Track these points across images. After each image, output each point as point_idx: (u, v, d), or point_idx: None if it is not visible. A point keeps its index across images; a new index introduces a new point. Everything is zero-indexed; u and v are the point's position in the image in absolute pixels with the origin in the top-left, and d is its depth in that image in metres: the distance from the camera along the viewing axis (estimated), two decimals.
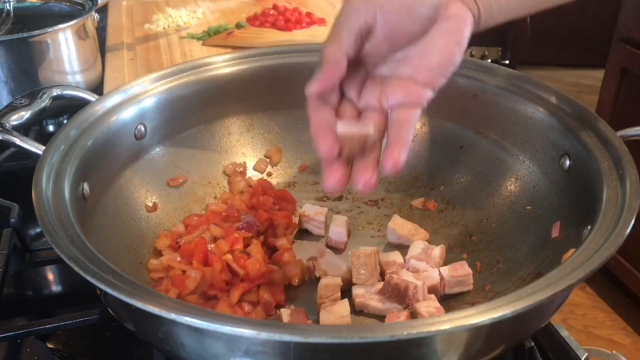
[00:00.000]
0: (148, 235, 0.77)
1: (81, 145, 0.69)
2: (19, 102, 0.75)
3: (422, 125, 0.90)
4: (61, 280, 0.85)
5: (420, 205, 0.86)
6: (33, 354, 0.65)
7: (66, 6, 1.20)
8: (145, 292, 0.47)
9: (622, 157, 0.63)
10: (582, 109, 0.72)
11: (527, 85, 0.79)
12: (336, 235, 0.79)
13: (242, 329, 0.43)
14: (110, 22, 1.56)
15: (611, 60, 2.03)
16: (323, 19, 1.55)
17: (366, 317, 0.69)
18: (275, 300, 0.69)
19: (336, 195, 0.89)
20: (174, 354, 0.53)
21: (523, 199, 0.77)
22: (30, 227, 0.83)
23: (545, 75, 3.75)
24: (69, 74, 1.09)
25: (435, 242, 0.78)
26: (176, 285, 0.68)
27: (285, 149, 0.93)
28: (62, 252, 0.52)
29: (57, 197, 0.60)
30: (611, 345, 1.93)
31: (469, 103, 0.84)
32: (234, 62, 0.89)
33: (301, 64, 0.91)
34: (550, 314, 0.56)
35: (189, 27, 1.53)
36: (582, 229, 0.61)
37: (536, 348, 0.62)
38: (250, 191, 0.86)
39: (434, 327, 0.44)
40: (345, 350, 0.47)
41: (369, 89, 0.62)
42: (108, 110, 0.76)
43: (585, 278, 0.49)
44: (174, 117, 0.84)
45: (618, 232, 0.53)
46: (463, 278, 0.70)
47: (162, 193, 0.82)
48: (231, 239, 0.74)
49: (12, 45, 1.00)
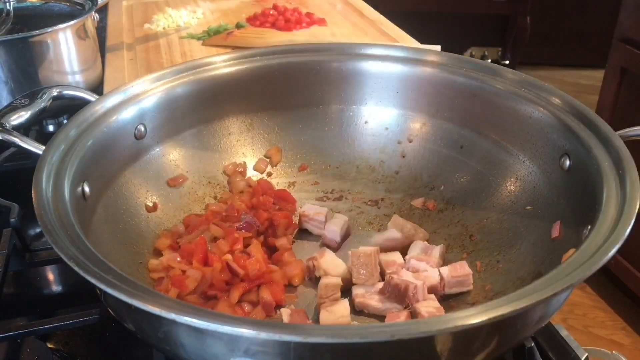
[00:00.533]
0: (148, 235, 0.77)
1: (81, 145, 0.69)
2: (19, 102, 0.75)
3: (422, 125, 0.90)
4: (61, 280, 0.85)
5: (420, 205, 0.86)
6: (33, 354, 0.65)
7: (66, 6, 1.20)
8: (145, 292, 0.47)
9: (622, 157, 0.63)
10: (582, 109, 0.72)
11: (527, 85, 0.79)
12: (331, 233, 0.79)
13: (242, 329, 0.43)
14: (110, 22, 1.56)
15: (611, 60, 2.03)
16: (323, 19, 1.55)
17: (366, 317, 0.69)
18: (275, 300, 0.69)
19: (336, 195, 0.89)
20: (174, 354, 0.53)
21: (523, 199, 0.77)
22: (30, 227, 0.83)
23: (545, 75, 3.75)
24: (69, 74, 1.09)
25: (435, 242, 0.78)
26: (176, 285, 0.68)
27: (285, 149, 0.93)
28: (62, 252, 0.52)
29: (57, 197, 0.60)
30: (611, 345, 1.93)
31: (469, 103, 0.85)
32: (234, 62, 0.89)
33: (301, 64, 0.91)
34: (550, 314, 0.56)
35: (189, 27, 1.53)
36: (582, 229, 0.61)
37: (536, 348, 0.62)
38: (250, 191, 0.86)
39: (434, 327, 0.44)
40: (345, 350, 0.47)
41: None
42: (108, 110, 0.76)
43: (585, 278, 0.49)
44: (174, 117, 0.84)
45: (618, 232, 0.53)
46: (463, 278, 0.70)
47: (162, 193, 0.82)
48: (231, 239, 0.74)
49: (12, 45, 1.00)
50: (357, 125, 0.93)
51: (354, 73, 0.92)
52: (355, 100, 0.93)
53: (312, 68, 0.92)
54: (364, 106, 0.93)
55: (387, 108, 0.92)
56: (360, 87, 0.92)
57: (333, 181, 0.91)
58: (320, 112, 0.94)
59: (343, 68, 0.92)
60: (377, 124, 0.93)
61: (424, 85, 0.89)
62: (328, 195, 0.89)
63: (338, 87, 0.93)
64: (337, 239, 0.79)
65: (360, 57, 0.92)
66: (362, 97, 0.93)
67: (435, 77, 0.88)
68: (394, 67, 0.90)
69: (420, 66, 0.89)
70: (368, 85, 0.92)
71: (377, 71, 0.91)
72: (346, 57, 0.92)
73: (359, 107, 0.93)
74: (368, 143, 0.93)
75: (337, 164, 0.93)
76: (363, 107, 0.93)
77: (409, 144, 0.91)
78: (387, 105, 0.92)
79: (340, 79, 0.92)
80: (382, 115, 0.92)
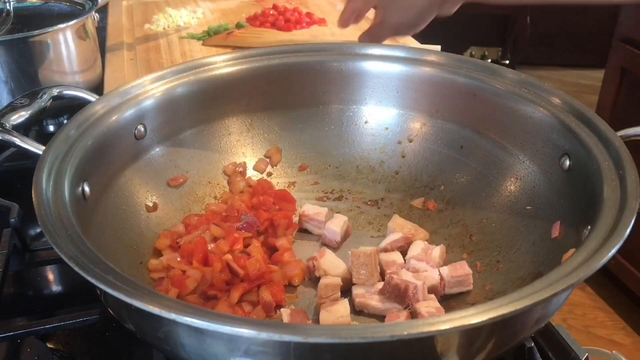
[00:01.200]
0: (148, 235, 0.77)
1: (81, 145, 0.69)
2: (19, 102, 0.75)
3: (422, 125, 0.90)
4: (61, 280, 0.85)
5: (420, 205, 0.86)
6: (33, 354, 0.65)
7: (66, 6, 1.20)
8: (145, 292, 0.47)
9: (622, 157, 0.63)
10: (582, 109, 0.72)
11: (527, 85, 0.79)
12: (330, 233, 0.79)
13: (242, 329, 0.43)
14: (110, 22, 1.56)
15: (611, 60, 2.03)
16: (323, 19, 1.55)
17: (366, 317, 0.69)
18: (275, 300, 0.69)
19: (336, 195, 0.89)
20: (174, 354, 0.53)
21: (523, 199, 0.77)
22: (30, 227, 0.83)
23: (545, 75, 3.75)
24: (69, 74, 1.09)
25: (435, 242, 0.78)
26: (176, 285, 0.68)
27: (285, 149, 0.93)
28: (62, 252, 0.52)
29: (57, 197, 0.60)
30: (611, 345, 1.93)
31: (469, 103, 0.85)
32: (234, 62, 0.89)
33: (301, 64, 0.91)
34: (550, 314, 0.56)
35: (189, 27, 1.53)
36: (582, 229, 0.61)
37: (536, 348, 0.62)
38: (250, 191, 0.86)
39: (434, 327, 0.44)
40: (345, 350, 0.47)
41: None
42: (108, 110, 0.76)
43: (585, 278, 0.49)
44: (174, 117, 0.84)
45: (618, 232, 0.53)
46: (463, 278, 0.70)
47: (162, 193, 0.82)
48: (231, 239, 0.74)
49: (12, 45, 1.00)
50: (357, 125, 0.93)
51: (354, 73, 0.92)
52: (355, 100, 0.93)
53: (312, 68, 0.92)
54: (364, 106, 0.93)
55: (387, 108, 0.92)
56: (360, 87, 0.92)
57: (333, 181, 0.91)
58: (320, 112, 0.94)
59: (343, 68, 0.92)
60: (377, 124, 0.93)
61: (424, 85, 0.89)
62: (328, 195, 0.89)
63: (338, 87, 0.93)
64: (337, 239, 0.79)
65: (360, 57, 0.92)
66: (362, 97, 0.93)
67: (435, 77, 0.88)
68: (394, 67, 0.90)
69: (420, 66, 0.89)
70: (368, 85, 0.92)
71: (377, 71, 0.91)
72: (346, 57, 0.92)
73: (359, 107, 0.93)
74: (368, 143, 0.93)
75: (337, 164, 0.93)
76: (363, 107, 0.93)
77: (409, 144, 0.91)
78: (387, 105, 0.92)
79: (340, 79, 0.92)
80: (382, 115, 0.92)
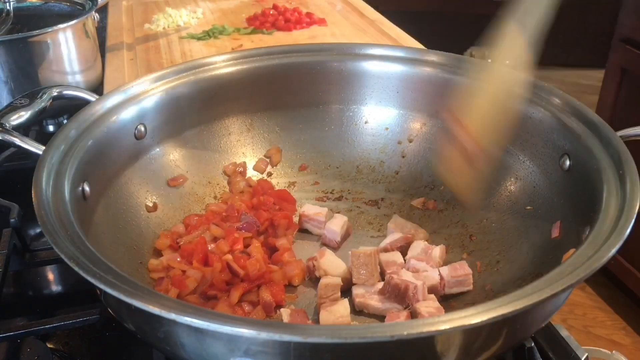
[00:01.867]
0: (148, 235, 0.77)
1: (81, 145, 0.69)
2: (19, 102, 0.75)
3: (422, 125, 0.90)
4: (61, 280, 0.85)
5: (420, 205, 0.86)
6: (33, 354, 0.65)
7: (66, 6, 1.20)
8: (145, 292, 0.47)
9: (622, 157, 0.63)
10: (582, 109, 0.72)
11: (527, 85, 0.79)
12: (331, 233, 0.79)
13: (242, 329, 0.43)
14: (110, 22, 1.56)
15: (611, 60, 2.03)
16: (323, 19, 1.55)
17: (366, 317, 0.69)
18: (275, 300, 0.69)
19: (336, 195, 0.89)
20: (174, 354, 0.53)
21: (523, 199, 0.77)
22: (30, 227, 0.83)
23: (545, 75, 3.74)
24: (69, 74, 1.09)
25: (435, 242, 0.78)
26: (176, 285, 0.68)
27: (285, 149, 0.93)
28: (62, 252, 0.52)
29: (57, 197, 0.60)
30: (611, 345, 1.93)
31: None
32: (234, 62, 0.89)
33: (301, 64, 0.91)
34: (550, 314, 0.56)
35: (189, 27, 1.53)
36: (582, 229, 0.61)
37: (536, 348, 0.62)
38: (250, 191, 0.86)
39: (434, 327, 0.44)
40: (345, 350, 0.47)
41: None
42: (108, 110, 0.76)
43: (585, 278, 0.49)
44: (174, 117, 0.84)
45: (618, 232, 0.53)
46: (463, 278, 0.70)
47: (162, 193, 0.82)
48: (231, 239, 0.74)
49: (12, 45, 1.00)
50: (357, 125, 0.93)
51: (354, 73, 0.92)
52: (355, 100, 0.93)
53: (312, 68, 0.92)
54: (364, 106, 0.93)
55: (387, 108, 0.92)
56: (360, 87, 0.92)
57: (333, 181, 0.91)
58: (320, 112, 0.94)
59: (343, 68, 0.92)
60: (377, 124, 0.93)
61: (424, 85, 0.89)
62: (328, 195, 0.89)
63: (338, 87, 0.93)
64: (337, 239, 0.79)
65: (360, 57, 0.92)
66: (362, 97, 0.93)
67: (435, 77, 0.88)
68: (394, 67, 0.90)
69: (420, 66, 0.89)
70: (368, 85, 0.92)
71: (377, 71, 0.91)
72: (346, 57, 0.92)
73: (359, 107, 0.93)
74: (368, 143, 0.93)
75: (337, 164, 0.93)
76: (363, 107, 0.93)
77: (409, 144, 0.91)
78: (387, 105, 0.92)
79: (340, 79, 0.92)
80: (382, 115, 0.92)
